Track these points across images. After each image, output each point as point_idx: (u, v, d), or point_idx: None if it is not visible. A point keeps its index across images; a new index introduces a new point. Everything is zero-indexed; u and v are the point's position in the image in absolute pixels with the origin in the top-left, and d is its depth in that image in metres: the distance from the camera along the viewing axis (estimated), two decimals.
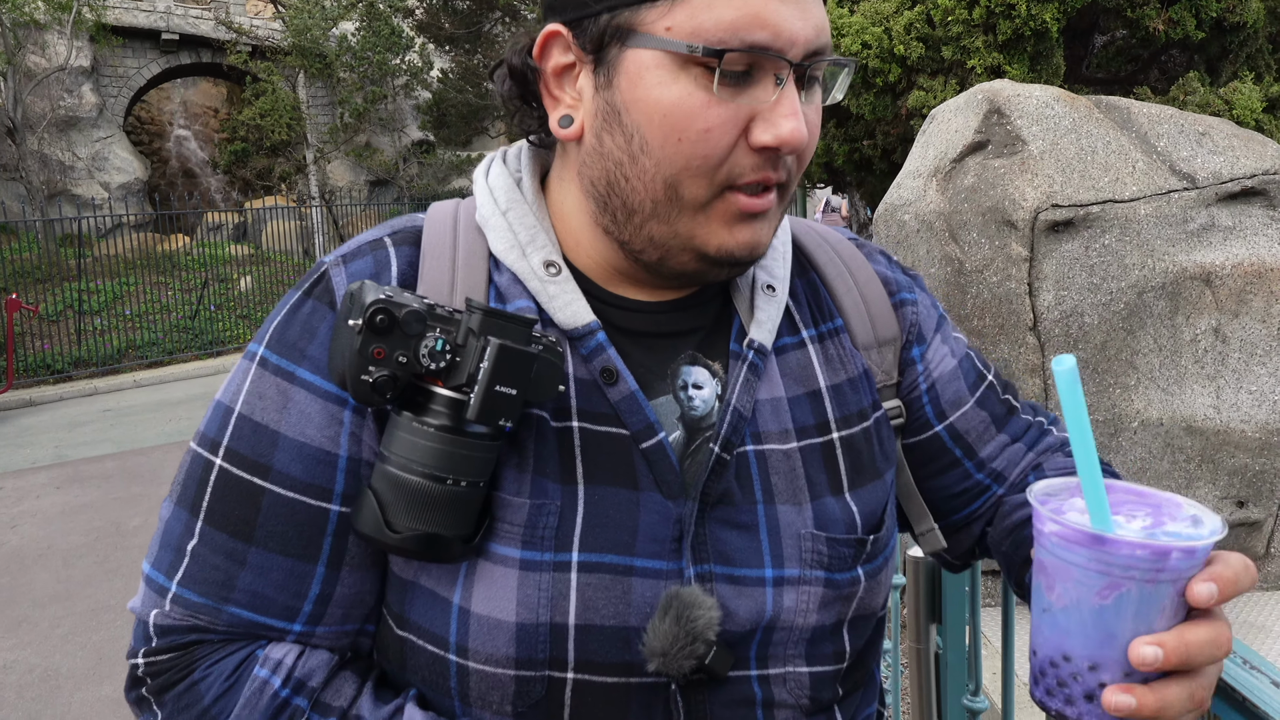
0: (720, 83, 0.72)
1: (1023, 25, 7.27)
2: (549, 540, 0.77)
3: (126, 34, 21.77)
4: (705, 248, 0.78)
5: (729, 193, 0.76)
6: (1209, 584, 0.62)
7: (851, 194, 12.65)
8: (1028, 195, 4.06)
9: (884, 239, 4.83)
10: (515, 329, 0.74)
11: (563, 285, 0.82)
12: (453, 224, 0.86)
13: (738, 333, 0.87)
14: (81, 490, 7.59)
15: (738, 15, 0.71)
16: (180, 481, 0.82)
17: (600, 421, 0.81)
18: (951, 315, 4.36)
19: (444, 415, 0.74)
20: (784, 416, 0.86)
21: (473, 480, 0.75)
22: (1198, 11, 7.42)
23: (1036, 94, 4.35)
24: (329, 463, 0.79)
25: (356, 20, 21.15)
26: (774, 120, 0.74)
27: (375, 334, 0.72)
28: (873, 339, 0.94)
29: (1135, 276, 4.03)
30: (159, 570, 0.81)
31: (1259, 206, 4.21)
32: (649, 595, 0.78)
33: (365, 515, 0.76)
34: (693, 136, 0.74)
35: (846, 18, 8.10)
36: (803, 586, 0.82)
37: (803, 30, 0.73)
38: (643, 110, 0.74)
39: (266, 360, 0.81)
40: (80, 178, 21.01)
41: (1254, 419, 4.09)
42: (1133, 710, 0.62)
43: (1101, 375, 4.08)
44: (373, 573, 0.82)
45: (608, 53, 0.76)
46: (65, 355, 14.18)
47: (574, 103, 0.80)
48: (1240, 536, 4.38)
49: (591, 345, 0.81)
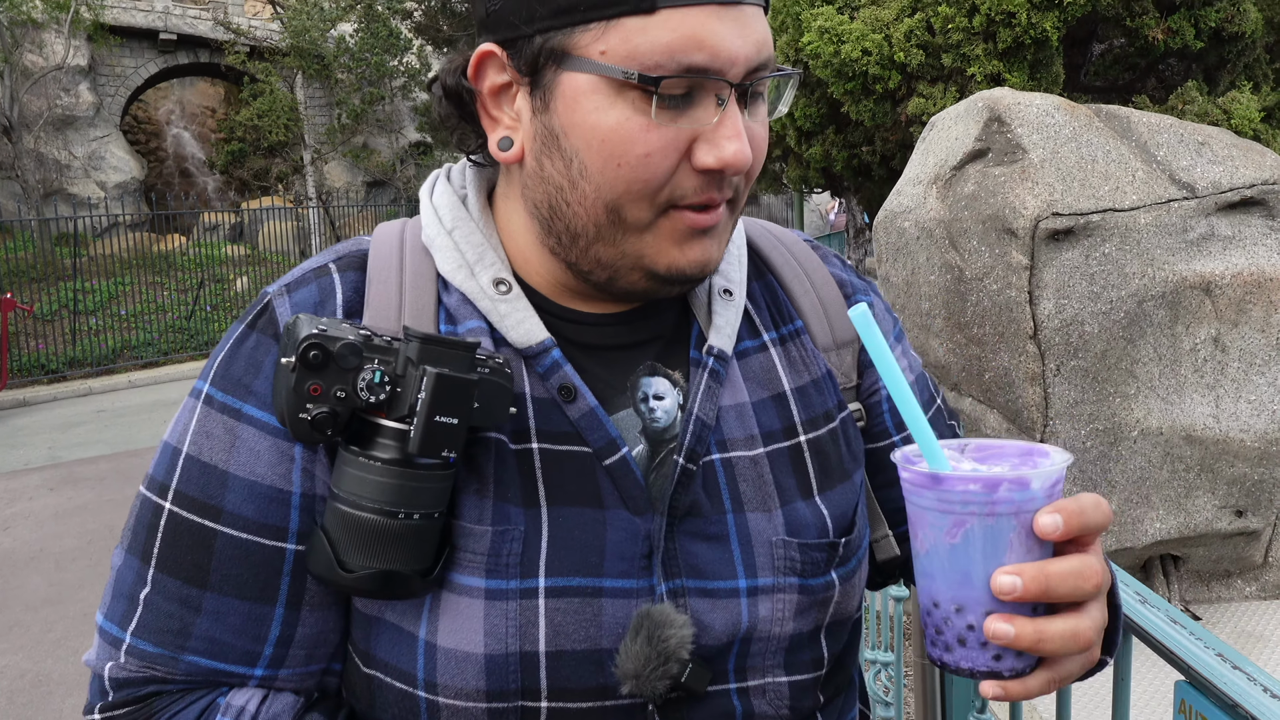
0: (659, 107, 0.70)
1: (1023, 33, 7.28)
2: (514, 567, 0.75)
3: (124, 33, 21.73)
4: (655, 266, 0.77)
5: (674, 210, 0.75)
6: (1053, 515, 0.63)
7: (849, 199, 12.66)
8: (1028, 203, 4.06)
9: (883, 246, 4.83)
10: (455, 355, 0.71)
11: (514, 303, 0.80)
12: (399, 246, 0.84)
13: (697, 339, 0.86)
14: (75, 492, 7.55)
15: (674, 37, 0.69)
16: (130, 527, 0.79)
17: (561, 440, 0.79)
18: (951, 323, 4.36)
19: (391, 448, 0.72)
20: (749, 422, 0.85)
21: (427, 512, 0.72)
22: (1196, 21, 7.43)
23: (1037, 102, 4.35)
24: (282, 501, 0.77)
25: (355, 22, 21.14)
26: (717, 142, 0.72)
27: (310, 370, 0.69)
28: (831, 341, 0.92)
29: (1135, 285, 4.03)
30: (112, 621, 0.78)
31: (1258, 216, 4.21)
32: (620, 616, 0.76)
33: (317, 556, 0.73)
34: (632, 161, 0.72)
35: (846, 24, 8.10)
36: (777, 595, 0.81)
37: (743, 49, 0.71)
38: (581, 135, 0.72)
39: (212, 398, 0.78)
40: (76, 177, 20.96)
41: (1253, 428, 4.09)
42: (1011, 639, 0.62)
43: (1101, 384, 4.08)
44: (335, 610, 0.80)
45: (543, 75, 0.73)
46: (60, 355, 14.14)
47: (512, 124, 0.78)
48: (1238, 546, 4.38)
49: (547, 363, 0.79)
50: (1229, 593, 4.59)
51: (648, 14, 0.69)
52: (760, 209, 24.32)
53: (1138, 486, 4.15)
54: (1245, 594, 4.58)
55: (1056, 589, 0.63)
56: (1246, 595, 4.58)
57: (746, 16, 0.72)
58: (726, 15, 0.70)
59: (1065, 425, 4.11)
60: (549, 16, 0.71)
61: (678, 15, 0.69)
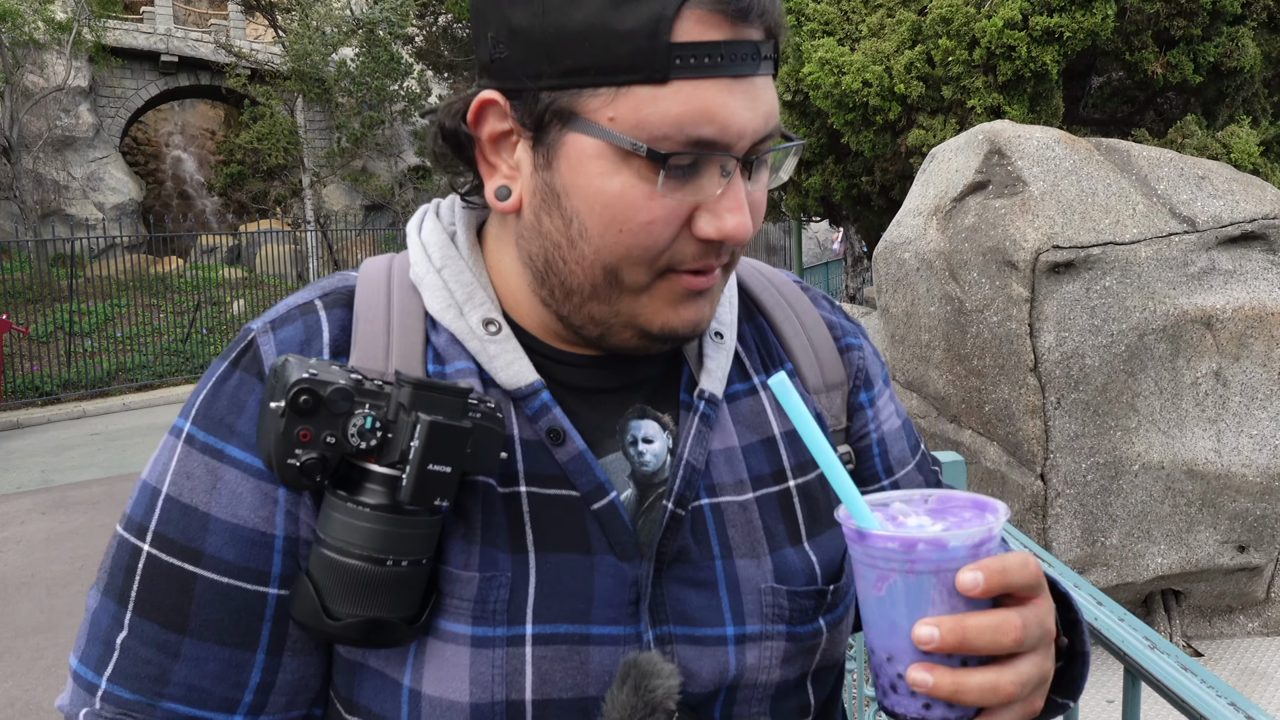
0: (665, 179, 0.70)
1: (1023, 66, 7.33)
2: (501, 614, 0.74)
3: (126, 55, 21.85)
4: (649, 326, 0.76)
5: (671, 274, 0.74)
6: (975, 573, 0.64)
7: (848, 228, 12.70)
8: (1028, 236, 4.06)
9: (883, 276, 4.82)
10: (448, 401, 0.70)
11: (503, 344, 0.79)
12: (386, 283, 0.83)
13: (687, 382, 0.85)
14: (67, 516, 7.50)
15: (684, 110, 0.68)
16: (106, 569, 0.77)
17: (549, 484, 0.77)
18: (951, 354, 4.35)
19: (380, 494, 0.70)
20: (739, 467, 0.84)
21: (415, 559, 0.71)
22: (1195, 56, 7.49)
23: (1037, 135, 4.36)
24: (264, 544, 0.75)
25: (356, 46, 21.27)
26: (719, 213, 0.71)
27: (300, 415, 0.68)
28: (822, 383, 0.92)
29: (1136, 319, 4.03)
30: (87, 665, 0.76)
31: (1259, 250, 4.21)
32: (607, 663, 0.75)
33: (302, 603, 0.72)
34: (634, 229, 0.71)
35: (847, 56, 8.16)
36: (765, 642, 0.80)
37: (751, 122, 0.70)
38: (583, 197, 0.72)
39: (193, 437, 0.77)
40: (75, 198, 20.99)
41: (1255, 463, 4.07)
42: (930, 688, 0.64)
43: (1103, 417, 4.06)
44: (316, 656, 0.78)
45: (548, 132, 0.72)
46: (54, 377, 14.09)
47: (511, 173, 0.77)
48: (1241, 581, 4.35)
49: (536, 405, 0.78)
50: (1231, 629, 4.56)
51: (660, 84, 0.68)
52: (759, 236, 24.41)
53: (1139, 521, 4.12)
54: (1248, 630, 4.55)
55: (973, 641, 0.64)
56: (1249, 631, 4.54)
57: (757, 88, 0.71)
58: (738, 88, 0.70)
59: (1066, 458, 4.09)
60: (557, 76, 0.70)
61: (689, 87, 0.68)
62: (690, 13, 0.67)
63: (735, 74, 0.69)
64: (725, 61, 0.68)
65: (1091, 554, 4.15)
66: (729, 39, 0.68)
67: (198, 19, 27.05)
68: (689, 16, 0.67)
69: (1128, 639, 1.26)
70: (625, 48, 0.67)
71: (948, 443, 4.39)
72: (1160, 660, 1.22)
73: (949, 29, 7.71)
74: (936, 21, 7.80)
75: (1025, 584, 0.65)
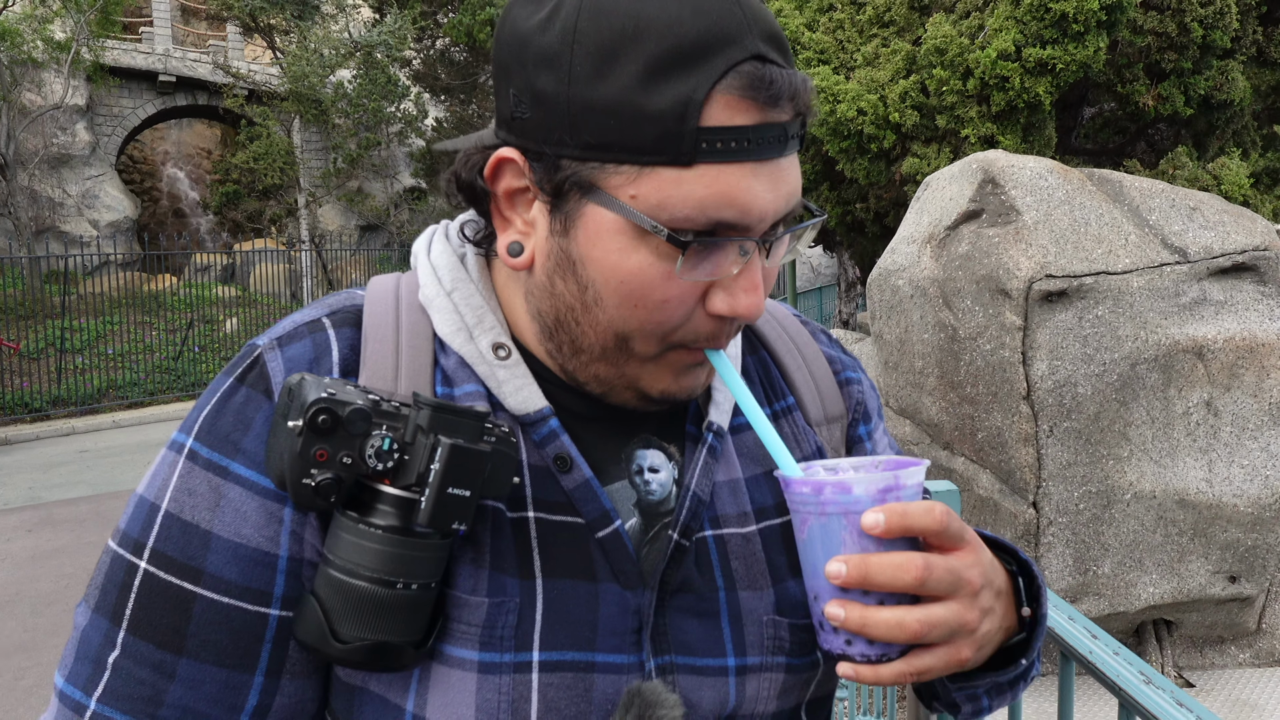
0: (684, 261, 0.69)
1: (1016, 97, 7.39)
2: (509, 640, 0.73)
3: (123, 74, 21.91)
4: (649, 391, 0.78)
5: (681, 348, 0.75)
6: (876, 514, 0.69)
7: (841, 254, 12.75)
8: (1021, 265, 4.08)
9: (877, 303, 4.84)
10: (467, 425, 0.69)
11: (513, 370, 0.79)
12: (394, 303, 0.82)
13: (694, 414, 0.85)
14: (54, 534, 7.43)
15: (708, 194, 0.67)
16: (99, 585, 0.75)
17: (555, 510, 0.77)
18: (944, 382, 4.36)
19: (392, 515, 0.69)
20: (742, 498, 0.84)
21: (424, 582, 0.70)
22: (1186, 88, 7.57)
23: (1030, 165, 4.39)
24: (268, 564, 0.73)
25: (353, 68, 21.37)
26: (734, 293, 0.72)
27: (317, 435, 0.67)
28: (823, 416, 0.93)
29: (1128, 348, 4.04)
30: (75, 685, 0.73)
31: (1249, 281, 4.24)
32: (610, 692, 0.75)
33: (308, 624, 0.70)
34: (650, 306, 0.71)
35: (842, 84, 8.22)
36: (765, 674, 0.80)
37: (773, 204, 0.70)
38: (600, 270, 0.71)
39: (196, 453, 0.75)
40: (70, 215, 20.98)
41: (1246, 494, 4.08)
42: (841, 621, 0.69)
43: (1095, 446, 4.07)
44: (315, 679, 0.77)
45: (566, 200, 0.71)
46: (44, 394, 14.02)
47: (525, 229, 0.76)
48: (1232, 612, 4.34)
49: (544, 432, 0.78)
50: (1223, 659, 4.55)
51: (685, 167, 0.67)
52: None
53: (1131, 550, 4.12)
54: (1239, 661, 4.53)
55: (875, 577, 0.68)
56: (1240, 662, 4.53)
57: (782, 169, 0.70)
58: (763, 171, 0.68)
59: (1058, 487, 4.09)
60: (580, 148, 0.69)
61: (714, 171, 0.67)
62: (721, 97, 0.66)
63: (762, 158, 0.68)
64: (753, 146, 0.67)
65: (1084, 583, 4.14)
66: (758, 123, 0.67)
67: (196, 40, 27.18)
68: (719, 101, 0.66)
69: (1123, 673, 1.26)
70: (652, 129, 0.66)
71: (940, 470, 4.39)
72: (1155, 695, 1.21)
73: (943, 59, 7.78)
74: (931, 52, 7.87)
75: (929, 528, 0.69)
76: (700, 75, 0.65)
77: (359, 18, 22.07)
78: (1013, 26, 7.43)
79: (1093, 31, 7.22)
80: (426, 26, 21.49)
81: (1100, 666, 1.30)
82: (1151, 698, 1.21)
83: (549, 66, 0.68)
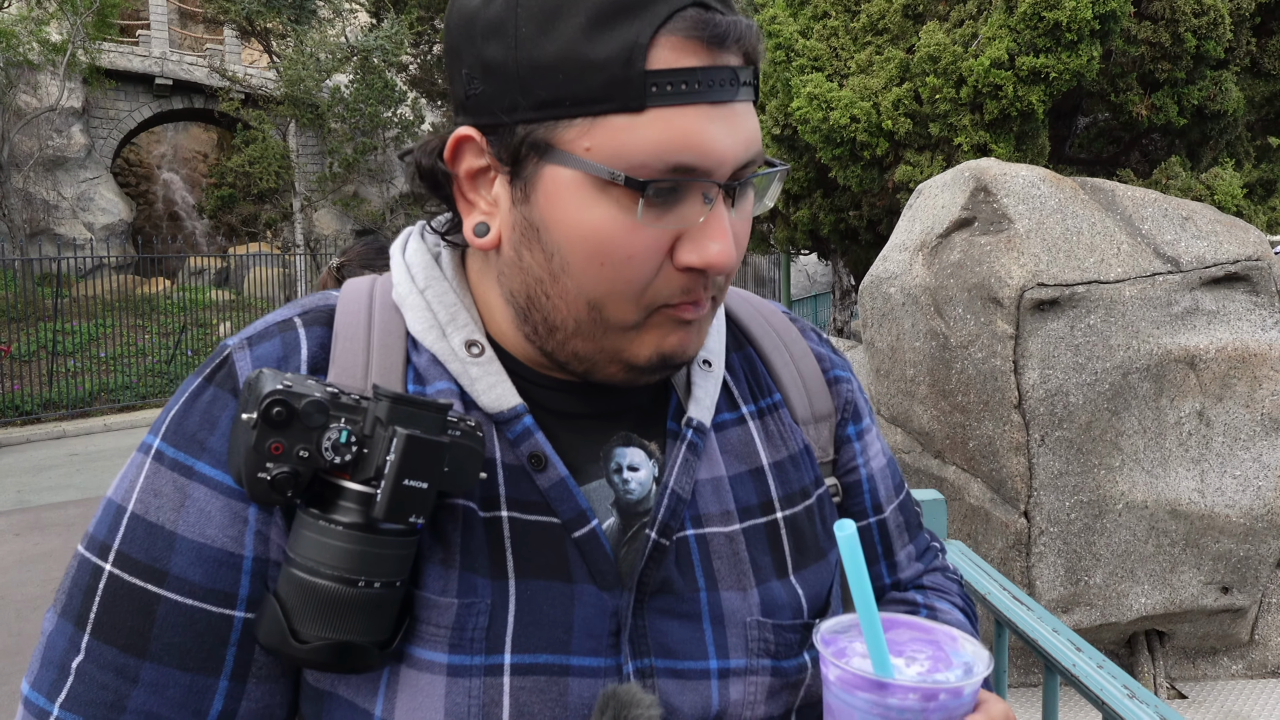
0: (645, 207, 0.68)
1: (1009, 105, 7.40)
2: (479, 642, 0.72)
3: (120, 77, 21.88)
4: (635, 359, 0.75)
5: (660, 312, 0.73)
6: None
7: (835, 261, 12.76)
8: (1013, 273, 4.07)
9: (869, 311, 4.82)
10: (427, 416, 0.68)
11: (486, 367, 0.78)
12: (368, 302, 0.82)
13: (675, 411, 0.83)
14: (42, 538, 7.39)
15: (662, 137, 0.67)
16: (66, 590, 0.74)
17: (530, 510, 0.76)
18: (936, 390, 4.34)
19: (353, 511, 0.68)
20: (725, 497, 0.82)
21: (388, 580, 0.69)
22: (1179, 99, 7.59)
23: (1023, 173, 4.39)
24: (232, 565, 0.72)
25: (350, 73, 21.36)
26: (701, 242, 0.70)
27: (272, 428, 0.66)
28: (810, 414, 0.91)
29: (1120, 357, 4.03)
30: (39, 691, 0.72)
31: (1242, 292, 4.23)
32: (586, 695, 0.73)
33: (268, 624, 0.69)
34: (616, 262, 0.70)
35: (835, 91, 8.22)
36: (750, 677, 0.78)
37: (732, 148, 0.69)
38: (563, 231, 0.70)
39: (163, 454, 0.74)
40: (64, 217, 20.93)
41: (1238, 504, 4.06)
42: None
43: (1086, 456, 4.05)
44: (282, 683, 0.75)
45: (525, 166, 0.71)
46: (35, 397, 13.96)
47: (489, 209, 0.75)
48: (1224, 622, 4.32)
49: (518, 429, 0.77)
50: (1215, 670, 4.53)
51: (636, 113, 0.67)
52: (748, 268, 24.50)
53: (1123, 560, 4.10)
54: (1231, 672, 4.51)
55: None
56: (1233, 674, 4.51)
57: (737, 114, 0.70)
58: (717, 115, 0.68)
59: (1050, 496, 4.07)
60: (532, 108, 0.69)
61: (667, 115, 0.67)
62: (665, 40, 0.66)
63: (713, 100, 0.68)
64: (703, 88, 0.67)
65: (1075, 593, 4.12)
66: (706, 65, 0.67)
67: (193, 43, 27.15)
68: (664, 44, 0.66)
69: (1106, 687, 1.24)
70: (599, 77, 0.66)
71: (931, 478, 4.37)
72: (1138, 709, 1.19)
73: (936, 67, 7.79)
74: (924, 59, 7.88)
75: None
76: (643, 20, 0.66)
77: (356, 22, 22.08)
78: (1006, 35, 7.44)
79: (1086, 40, 7.23)
80: (423, 31, 21.50)
81: (1084, 680, 1.28)
82: (1135, 712, 1.19)
83: (496, 35, 0.69)
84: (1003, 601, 1.50)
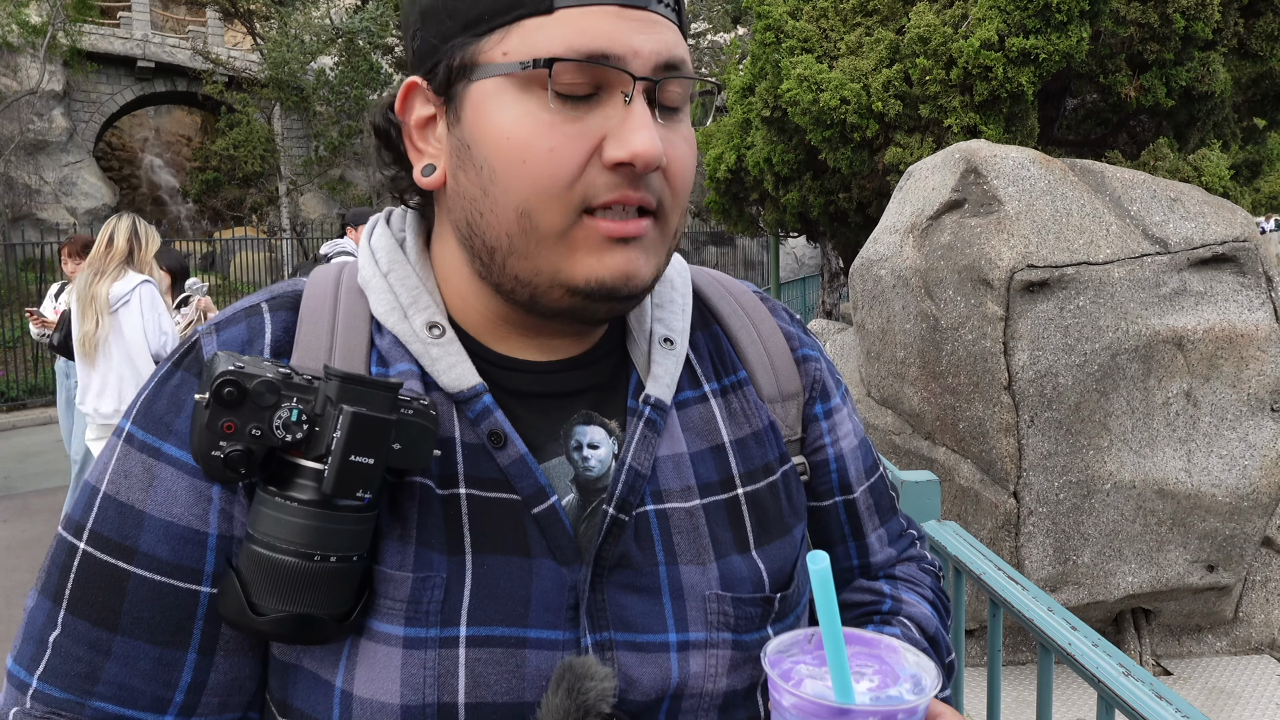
0: (559, 97, 0.71)
1: (999, 87, 7.40)
2: (434, 615, 0.74)
3: (101, 60, 21.64)
4: (573, 280, 0.75)
5: (588, 218, 0.74)
6: None
7: (824, 244, 12.76)
8: (1003, 255, 4.08)
9: (859, 293, 4.83)
10: (375, 395, 0.70)
11: (446, 347, 0.80)
12: (334, 287, 0.84)
13: (635, 388, 0.85)
14: (29, 524, 7.36)
15: (573, 30, 0.71)
16: (45, 569, 0.78)
17: (489, 487, 0.78)
18: (926, 372, 4.36)
19: (308, 489, 0.70)
20: (686, 473, 0.83)
21: (344, 555, 0.71)
22: (1167, 80, 7.60)
23: (1013, 155, 4.39)
24: (198, 542, 0.75)
25: (335, 55, 21.18)
26: (624, 136, 0.72)
27: (224, 407, 0.69)
28: (777, 392, 0.92)
29: (1109, 338, 4.05)
30: (20, 665, 0.76)
31: (1229, 273, 4.25)
32: (544, 668, 0.74)
33: (228, 598, 0.72)
34: (537, 157, 0.72)
35: (825, 73, 8.20)
36: (710, 650, 0.79)
37: (646, 44, 0.72)
38: (488, 139, 0.74)
39: (133, 436, 0.77)
40: (46, 202, 20.73)
41: (1224, 484, 4.10)
42: None
43: (1075, 436, 4.08)
44: (251, 657, 0.78)
45: (455, 90, 0.75)
46: (21, 383, 13.86)
47: (436, 152, 0.80)
48: (1210, 600, 4.37)
49: (478, 408, 0.78)
50: (1200, 648, 4.58)
51: (546, 14, 0.71)
52: (737, 250, 24.49)
53: (1110, 540, 4.14)
54: (1216, 649, 4.57)
55: None
56: (1217, 650, 4.56)
57: (651, 20, 0.73)
58: (628, 16, 0.72)
59: (1039, 477, 4.10)
60: (460, 31, 0.74)
61: (575, 13, 0.71)
62: None
63: (624, 3, 0.72)
64: None
65: (1063, 572, 4.15)
66: None
67: (175, 25, 26.87)
68: None
69: (1102, 665, 1.25)
70: None
71: (922, 460, 4.39)
72: (1134, 688, 1.21)
73: (926, 48, 7.78)
74: (914, 41, 7.87)
75: None
76: None
77: (340, 4, 21.88)
78: (996, 16, 7.43)
79: (1075, 21, 7.23)
80: None
81: (1079, 658, 1.29)
82: (1130, 690, 1.21)
83: None
84: (998, 581, 1.52)
